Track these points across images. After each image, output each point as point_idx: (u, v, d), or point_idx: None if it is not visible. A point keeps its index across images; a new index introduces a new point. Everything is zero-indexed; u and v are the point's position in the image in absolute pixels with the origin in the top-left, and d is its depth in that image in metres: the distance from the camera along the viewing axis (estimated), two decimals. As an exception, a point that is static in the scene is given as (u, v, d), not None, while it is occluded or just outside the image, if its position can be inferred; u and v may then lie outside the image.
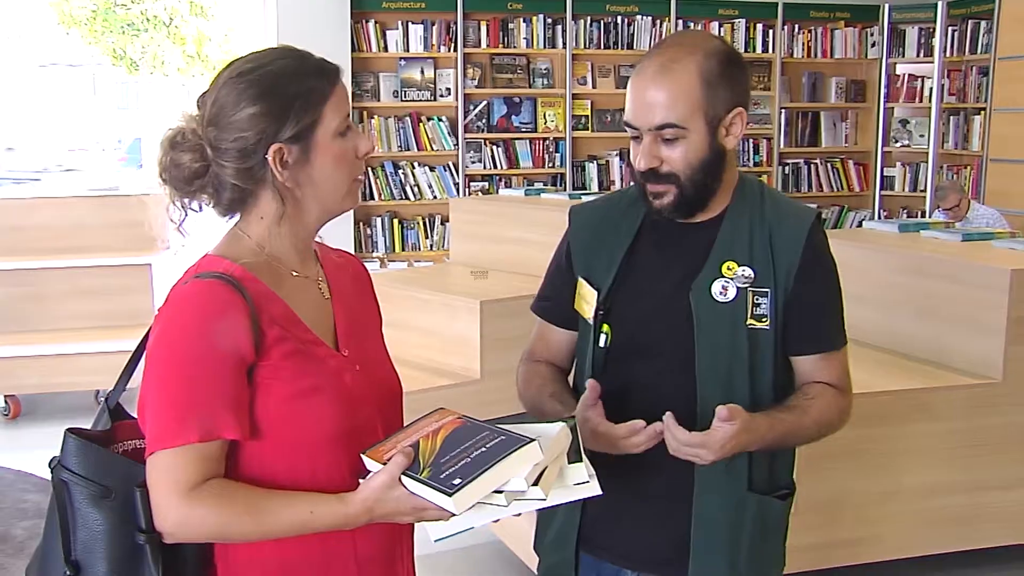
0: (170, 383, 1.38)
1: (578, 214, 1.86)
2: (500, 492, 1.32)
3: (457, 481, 1.29)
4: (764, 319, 1.68)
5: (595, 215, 1.84)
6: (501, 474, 1.31)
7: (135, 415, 1.46)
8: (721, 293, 1.67)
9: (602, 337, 1.74)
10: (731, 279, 1.68)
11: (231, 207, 1.48)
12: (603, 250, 1.77)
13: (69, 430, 1.43)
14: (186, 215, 1.48)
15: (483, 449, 1.34)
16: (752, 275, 1.67)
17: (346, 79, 1.53)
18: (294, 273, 1.51)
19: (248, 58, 1.47)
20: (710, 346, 1.67)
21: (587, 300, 1.76)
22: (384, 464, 1.35)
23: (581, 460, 1.43)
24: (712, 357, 1.67)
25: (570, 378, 1.89)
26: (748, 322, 1.67)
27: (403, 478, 1.34)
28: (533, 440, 1.33)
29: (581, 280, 1.78)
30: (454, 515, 1.31)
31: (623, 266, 1.74)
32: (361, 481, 1.38)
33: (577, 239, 1.82)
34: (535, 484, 1.34)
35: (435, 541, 1.41)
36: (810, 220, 1.72)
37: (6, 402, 5.39)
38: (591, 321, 1.75)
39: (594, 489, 1.43)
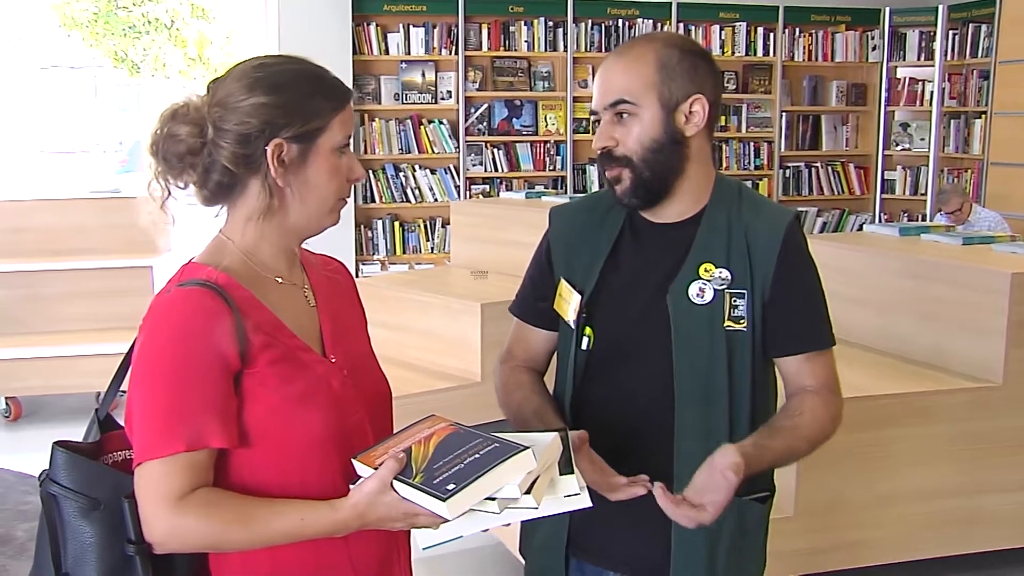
0: (155, 393, 1.36)
1: (559, 215, 1.86)
2: (493, 499, 1.32)
3: (451, 486, 1.28)
4: (741, 321, 1.67)
5: (576, 216, 1.83)
6: (494, 481, 1.31)
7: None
8: (698, 295, 1.67)
9: (584, 340, 1.73)
10: (708, 281, 1.67)
11: (217, 193, 1.46)
12: (584, 251, 1.77)
13: (57, 443, 1.42)
14: (168, 194, 1.45)
15: (476, 456, 1.33)
16: (729, 277, 1.67)
17: (347, 82, 1.54)
18: (279, 280, 1.50)
19: (269, 56, 1.49)
20: (688, 349, 1.66)
21: (568, 302, 1.75)
22: (376, 469, 1.34)
23: (573, 472, 1.42)
24: (690, 360, 1.66)
25: (550, 381, 1.88)
26: (726, 324, 1.66)
27: (395, 483, 1.33)
28: (527, 448, 1.33)
29: (562, 281, 1.78)
30: (447, 520, 1.30)
31: (605, 268, 1.74)
32: (352, 487, 1.37)
33: (558, 240, 1.82)
34: (527, 493, 1.33)
35: (424, 549, 1.40)
36: (787, 220, 1.71)
37: (7, 404, 5.40)
38: (572, 323, 1.74)
39: (585, 501, 1.42)
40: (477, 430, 1.41)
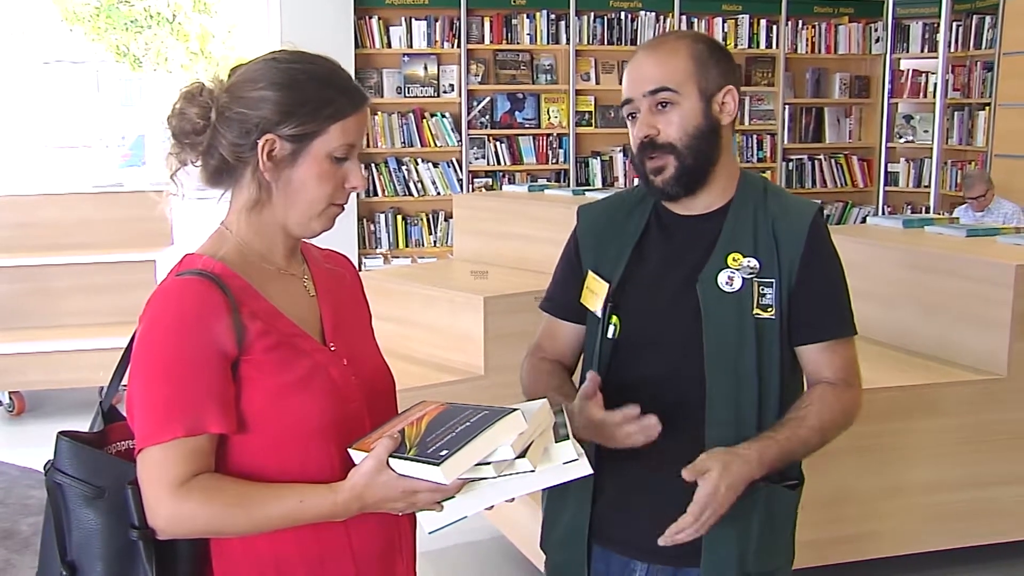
0: (154, 381, 1.39)
1: (586, 211, 1.89)
2: (488, 464, 1.33)
3: (444, 452, 1.30)
4: (770, 309, 1.70)
5: (603, 212, 1.87)
6: (487, 443, 1.32)
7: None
8: (727, 283, 1.70)
9: (611, 328, 1.76)
10: (737, 270, 1.70)
11: (215, 176, 1.49)
12: (612, 244, 1.80)
13: (61, 433, 1.45)
14: (180, 166, 1.49)
15: (467, 424, 1.35)
16: (757, 266, 1.70)
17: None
18: (278, 271, 1.52)
19: (292, 51, 1.49)
20: (718, 336, 1.69)
21: (596, 292, 1.78)
22: None
23: (568, 438, 1.43)
24: (720, 347, 1.69)
25: (575, 377, 1.89)
26: (754, 312, 1.69)
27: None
28: (516, 409, 1.35)
29: (590, 273, 1.80)
30: (445, 486, 1.31)
31: (631, 259, 1.77)
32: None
33: (586, 235, 1.85)
34: (521, 457, 1.35)
35: (429, 533, 1.42)
36: (812, 213, 1.75)
37: (11, 398, 5.41)
38: (600, 314, 1.77)
39: (584, 467, 1.42)
40: (468, 405, 1.42)
